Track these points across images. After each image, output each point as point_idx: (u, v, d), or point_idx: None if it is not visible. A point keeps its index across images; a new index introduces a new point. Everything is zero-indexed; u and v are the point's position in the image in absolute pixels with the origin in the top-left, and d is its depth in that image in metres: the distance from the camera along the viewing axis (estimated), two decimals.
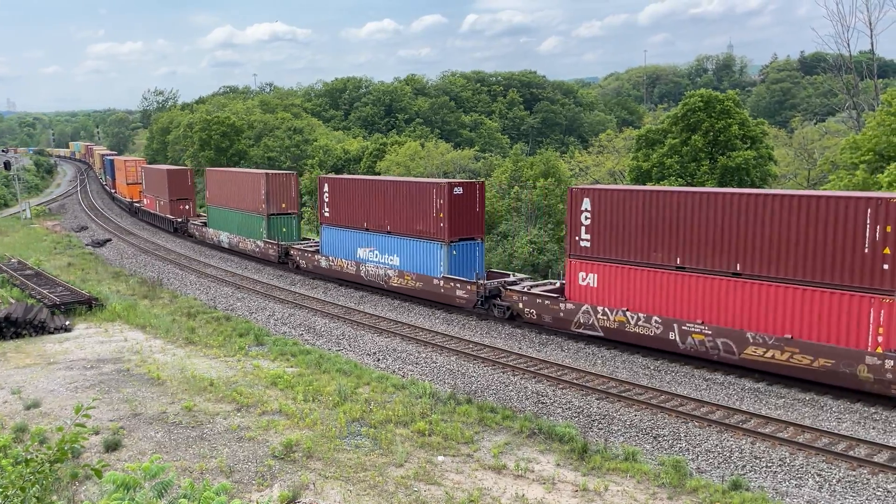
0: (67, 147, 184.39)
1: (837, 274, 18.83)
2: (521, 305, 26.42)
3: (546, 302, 25.55)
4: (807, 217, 19.26)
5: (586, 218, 24.16)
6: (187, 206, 56.47)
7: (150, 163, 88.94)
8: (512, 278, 29.29)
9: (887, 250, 17.95)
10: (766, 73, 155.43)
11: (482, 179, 37.69)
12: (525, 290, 26.67)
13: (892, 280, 17.92)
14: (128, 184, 70.65)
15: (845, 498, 14.29)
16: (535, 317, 26.02)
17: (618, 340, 23.85)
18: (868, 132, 26.69)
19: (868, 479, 14.91)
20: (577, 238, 24.51)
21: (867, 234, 18.22)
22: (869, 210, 18.13)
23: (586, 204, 24.12)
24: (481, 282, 28.03)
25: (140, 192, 66.95)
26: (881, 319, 18.10)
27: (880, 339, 18.12)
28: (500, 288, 27.60)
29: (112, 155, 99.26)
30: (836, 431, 17.14)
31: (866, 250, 18.29)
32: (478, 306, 28.12)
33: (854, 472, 15.24)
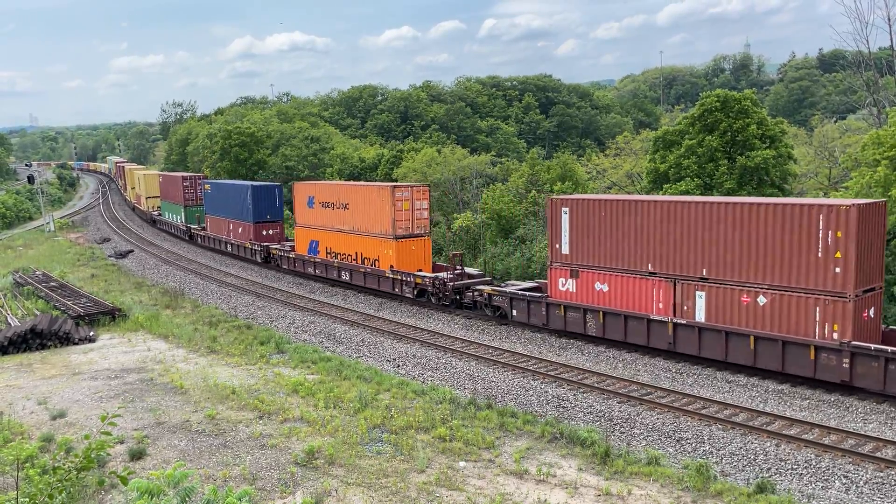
0: (102, 161, 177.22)
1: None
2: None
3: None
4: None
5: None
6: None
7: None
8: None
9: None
10: (784, 71, 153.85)
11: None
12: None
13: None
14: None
15: (873, 500, 14.07)
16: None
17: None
18: (891, 128, 26.34)
19: None
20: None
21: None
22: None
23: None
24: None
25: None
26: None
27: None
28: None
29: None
30: (862, 432, 16.90)
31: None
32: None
33: (882, 474, 15.01)
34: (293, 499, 13.86)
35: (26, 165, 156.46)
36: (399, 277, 32.78)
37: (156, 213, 69.25)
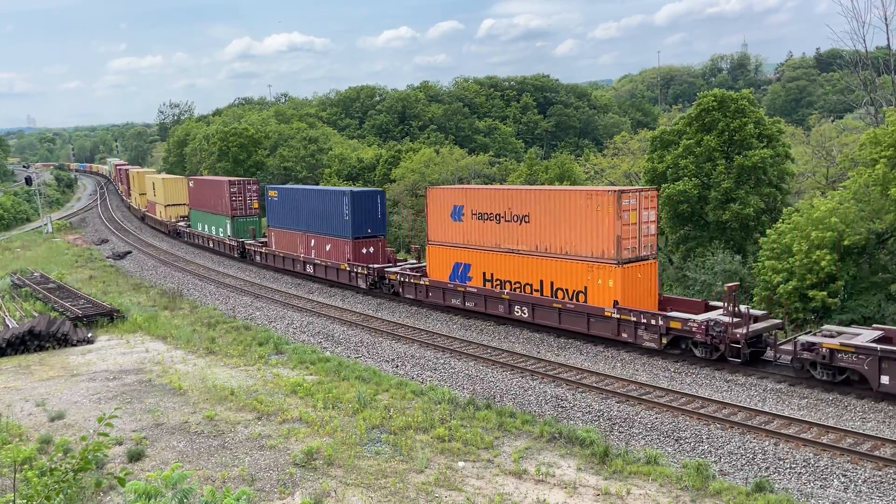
0: (102, 162, 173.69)
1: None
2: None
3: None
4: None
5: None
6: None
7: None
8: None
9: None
10: (781, 71, 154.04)
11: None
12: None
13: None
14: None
15: (871, 499, 14.08)
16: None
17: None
18: (889, 127, 26.37)
19: (895, 480, 14.69)
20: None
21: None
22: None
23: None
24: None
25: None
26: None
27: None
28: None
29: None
30: (860, 431, 16.91)
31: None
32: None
33: (880, 473, 15.03)
34: (292, 499, 13.86)
35: (24, 167, 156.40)
36: (629, 319, 23.56)
37: (182, 223, 58.92)
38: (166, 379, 22.18)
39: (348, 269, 35.58)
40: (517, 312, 27.31)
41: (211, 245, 52.18)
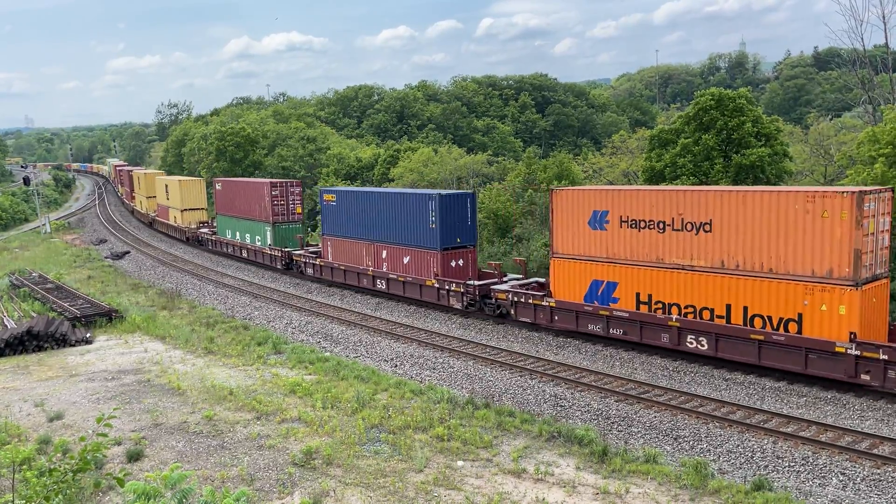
0: (101, 162, 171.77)
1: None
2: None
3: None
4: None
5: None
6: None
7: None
8: None
9: None
10: (779, 70, 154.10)
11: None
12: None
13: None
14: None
15: (870, 497, 14.11)
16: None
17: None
18: (887, 125, 26.41)
19: (893, 478, 14.72)
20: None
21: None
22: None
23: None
24: None
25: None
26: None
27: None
28: None
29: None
30: (859, 429, 16.94)
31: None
32: None
33: (879, 471, 15.05)
34: (291, 499, 13.86)
35: (22, 167, 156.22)
36: (876, 357, 18.22)
37: (205, 230, 53.57)
38: (165, 379, 22.17)
39: (436, 285, 30.23)
40: (690, 343, 22.01)
41: (244, 255, 46.37)
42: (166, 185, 61.93)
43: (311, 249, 40.74)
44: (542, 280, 28.50)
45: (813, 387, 19.95)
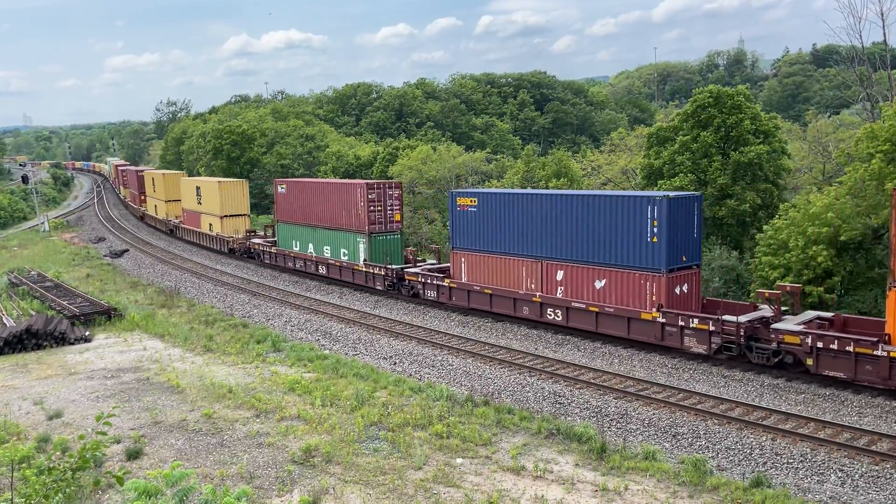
0: (101, 161, 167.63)
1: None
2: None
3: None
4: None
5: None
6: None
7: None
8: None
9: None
10: (778, 67, 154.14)
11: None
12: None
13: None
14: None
15: (868, 493, 14.14)
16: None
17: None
18: (885, 122, 26.42)
19: (892, 474, 14.75)
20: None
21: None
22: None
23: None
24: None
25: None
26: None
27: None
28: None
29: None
30: (857, 426, 16.97)
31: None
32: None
33: (877, 468, 15.09)
34: (291, 497, 13.87)
35: (21, 165, 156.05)
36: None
37: (258, 240, 45.66)
38: (164, 377, 22.17)
39: (660, 319, 23.02)
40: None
41: (323, 271, 38.82)
42: (198, 188, 53.61)
43: (424, 265, 34.02)
44: None
45: (811, 384, 19.98)
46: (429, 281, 31.50)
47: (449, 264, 31.63)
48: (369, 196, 35.07)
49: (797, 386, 20.00)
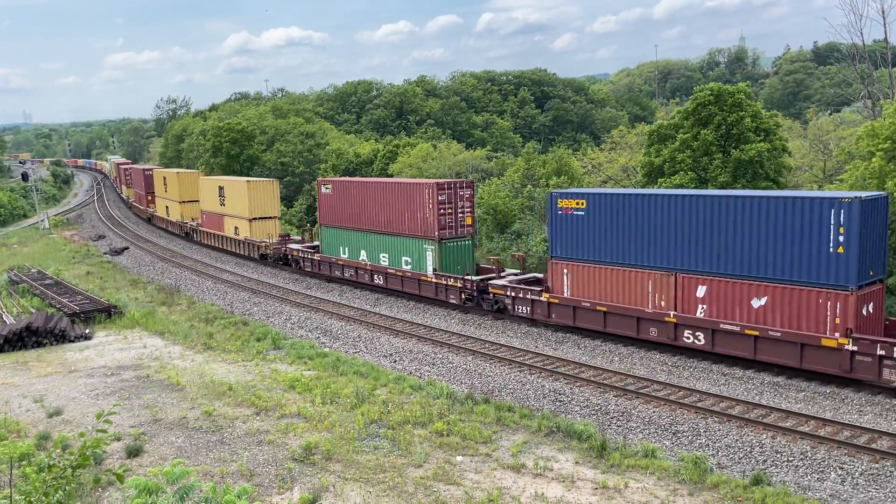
0: (101, 159, 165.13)
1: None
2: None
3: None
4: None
5: None
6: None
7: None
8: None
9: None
10: (779, 64, 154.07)
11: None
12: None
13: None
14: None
15: (868, 491, 14.14)
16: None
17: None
18: (886, 120, 26.39)
19: (892, 472, 14.75)
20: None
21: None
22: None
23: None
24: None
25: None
26: None
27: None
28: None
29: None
30: (857, 424, 16.97)
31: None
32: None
33: (877, 465, 15.09)
34: (291, 494, 13.88)
35: (21, 163, 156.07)
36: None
37: (296, 245, 41.43)
38: (164, 375, 22.18)
39: (849, 347, 18.81)
40: None
41: (379, 281, 34.53)
42: (221, 188, 49.21)
43: (512, 277, 29.60)
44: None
45: (812, 381, 19.98)
46: (520, 295, 27.19)
47: (539, 275, 28.67)
48: (439, 197, 30.87)
49: (797, 384, 20.00)
